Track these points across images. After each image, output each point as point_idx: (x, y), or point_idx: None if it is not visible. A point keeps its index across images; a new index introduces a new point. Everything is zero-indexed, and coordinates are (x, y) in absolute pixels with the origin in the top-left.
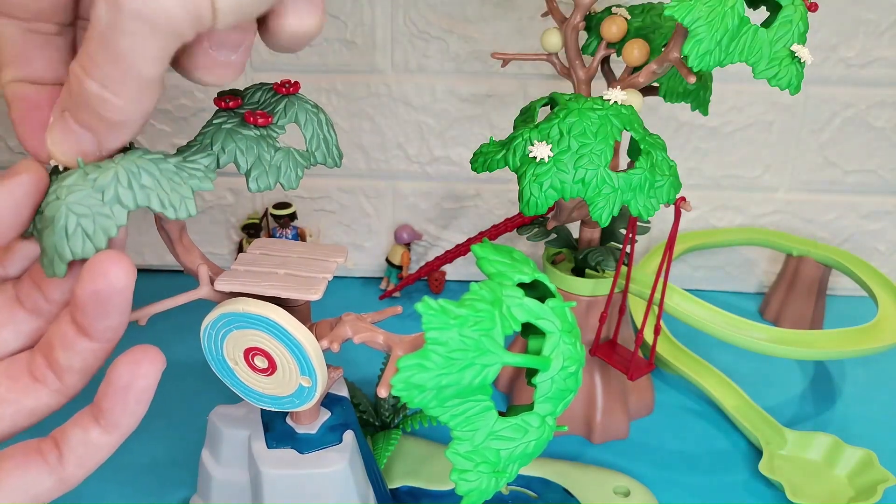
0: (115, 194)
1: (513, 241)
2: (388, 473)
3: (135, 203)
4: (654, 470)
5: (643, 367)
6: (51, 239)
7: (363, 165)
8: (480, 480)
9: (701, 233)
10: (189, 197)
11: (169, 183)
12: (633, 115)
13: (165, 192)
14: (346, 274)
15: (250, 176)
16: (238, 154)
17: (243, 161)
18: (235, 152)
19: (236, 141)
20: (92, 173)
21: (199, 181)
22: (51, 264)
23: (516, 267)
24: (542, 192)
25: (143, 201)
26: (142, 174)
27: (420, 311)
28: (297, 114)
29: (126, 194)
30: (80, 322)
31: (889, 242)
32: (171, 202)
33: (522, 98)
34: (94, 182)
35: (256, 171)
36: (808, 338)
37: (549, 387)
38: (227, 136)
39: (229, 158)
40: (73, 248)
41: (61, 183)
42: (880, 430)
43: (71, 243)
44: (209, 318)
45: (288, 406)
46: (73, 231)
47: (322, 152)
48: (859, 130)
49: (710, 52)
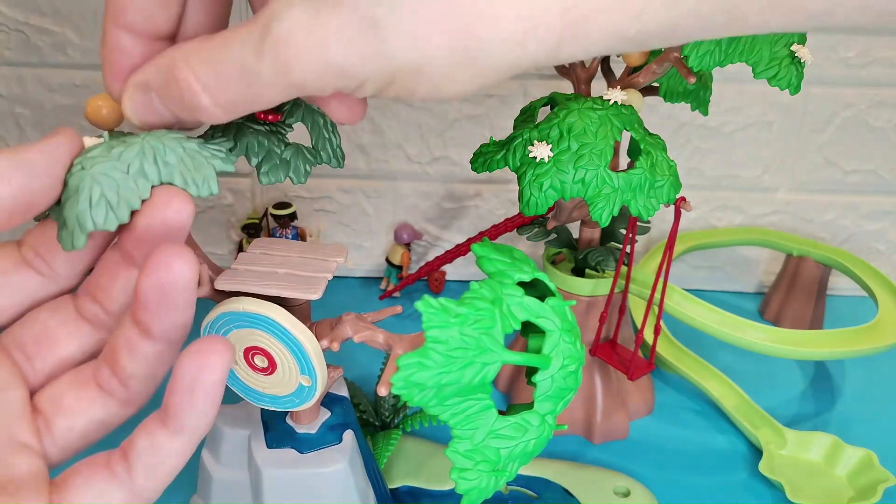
0: (140, 168)
1: (513, 241)
2: (388, 473)
3: (159, 179)
4: (654, 470)
5: (643, 367)
6: (73, 209)
7: (363, 165)
8: (480, 479)
9: (701, 233)
10: (212, 176)
11: (192, 161)
12: (633, 115)
13: (189, 169)
14: (346, 274)
15: (261, 169)
16: (249, 148)
17: (254, 154)
18: (247, 146)
19: (248, 135)
20: (117, 147)
21: (222, 162)
22: (70, 236)
23: (516, 266)
24: (542, 193)
25: (167, 178)
26: (167, 151)
27: (420, 309)
28: (304, 114)
29: (151, 169)
30: (141, 320)
31: (889, 242)
32: (193, 180)
33: (522, 98)
34: (119, 155)
35: (267, 165)
36: (808, 338)
37: (549, 385)
38: (238, 130)
39: (241, 151)
40: (95, 219)
41: (86, 155)
42: (880, 430)
43: (94, 213)
44: (209, 317)
45: (288, 405)
46: (97, 201)
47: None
48: (859, 130)
49: (710, 52)
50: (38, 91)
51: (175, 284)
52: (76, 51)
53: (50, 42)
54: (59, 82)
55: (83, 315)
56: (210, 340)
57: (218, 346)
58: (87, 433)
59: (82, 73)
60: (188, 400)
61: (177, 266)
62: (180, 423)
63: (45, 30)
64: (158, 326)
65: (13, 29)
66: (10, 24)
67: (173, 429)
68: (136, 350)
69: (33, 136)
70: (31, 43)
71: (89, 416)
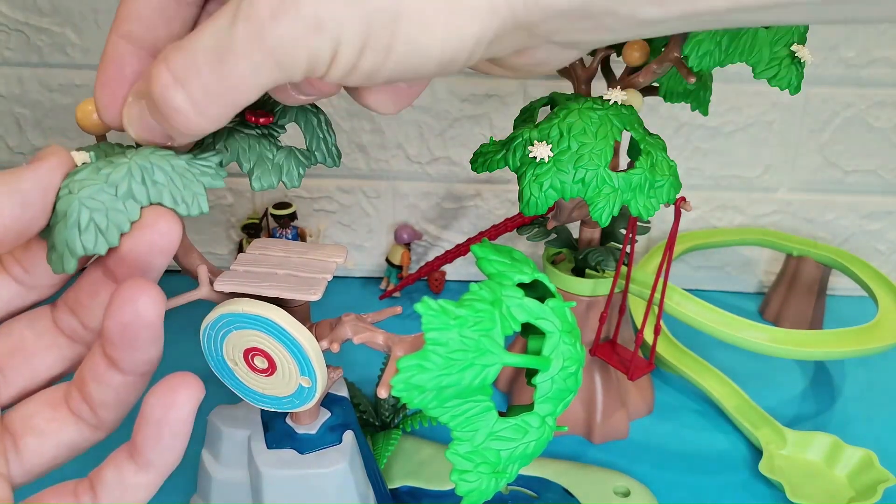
0: (128, 189)
1: (513, 241)
2: (388, 473)
3: (148, 199)
4: (654, 470)
5: (643, 367)
6: (62, 234)
7: (363, 165)
8: (480, 481)
9: (701, 233)
10: (202, 194)
11: (181, 179)
12: (633, 115)
13: (178, 188)
14: (346, 274)
15: (253, 175)
16: (240, 153)
17: (245, 160)
18: (238, 151)
19: (238, 140)
20: (104, 168)
21: (212, 178)
22: (60, 260)
23: (516, 267)
24: (542, 192)
25: (156, 197)
26: (154, 170)
27: (420, 311)
28: (297, 114)
29: (139, 190)
30: (110, 355)
31: (889, 242)
32: (183, 199)
33: (522, 98)
34: (106, 177)
35: (259, 170)
36: (808, 338)
37: (549, 387)
38: (229, 135)
39: (232, 157)
40: (85, 243)
41: (73, 177)
42: (880, 430)
43: (83, 238)
44: (208, 318)
45: (288, 406)
46: (86, 226)
47: (322, 152)
48: (859, 130)
49: (709, 52)
50: (38, 91)
51: (140, 322)
52: (76, 51)
53: (50, 42)
54: (59, 82)
55: (61, 328)
56: (179, 377)
57: (187, 382)
58: (56, 456)
59: (82, 73)
60: (155, 436)
61: (142, 303)
62: (147, 459)
63: (45, 30)
64: (126, 361)
65: (13, 29)
66: (10, 24)
67: (140, 464)
68: (104, 380)
69: (33, 136)
70: (31, 43)
71: (59, 438)
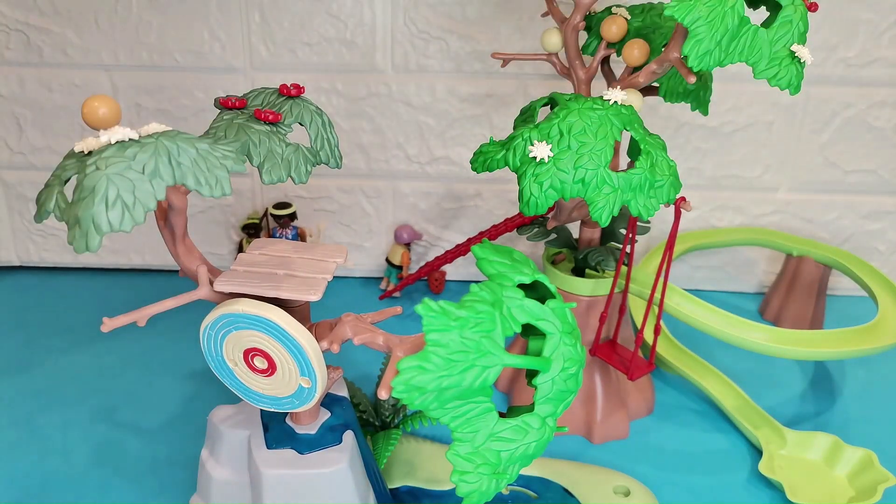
0: (154, 168)
1: (513, 241)
2: (388, 473)
3: (173, 179)
4: (654, 470)
5: (643, 367)
6: (88, 210)
7: (363, 165)
8: (481, 482)
9: (701, 233)
10: (225, 177)
11: (205, 162)
12: (633, 115)
13: (202, 170)
14: (346, 274)
15: (263, 168)
16: (251, 146)
17: (256, 153)
18: (249, 145)
19: (249, 134)
20: (131, 147)
21: (234, 162)
22: (84, 237)
23: (516, 268)
24: (542, 192)
25: (181, 178)
26: (180, 152)
27: (420, 312)
28: (303, 114)
29: (166, 170)
30: None
31: (889, 242)
32: (206, 181)
33: (522, 98)
34: (133, 156)
35: (269, 164)
36: (808, 338)
37: (549, 388)
38: (240, 129)
39: (243, 150)
40: (111, 220)
41: (101, 154)
42: (880, 430)
43: (110, 214)
44: (209, 318)
45: (287, 406)
46: (114, 202)
47: (325, 153)
48: (859, 130)
49: (710, 52)
50: (38, 91)
51: None
52: (76, 51)
53: (50, 42)
54: (59, 82)
55: None
56: None
57: None
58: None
59: (82, 73)
60: None
61: None
62: None
63: (45, 30)
64: None
65: (13, 29)
66: (10, 24)
67: None
68: None
69: (33, 136)
70: (31, 43)
71: None
